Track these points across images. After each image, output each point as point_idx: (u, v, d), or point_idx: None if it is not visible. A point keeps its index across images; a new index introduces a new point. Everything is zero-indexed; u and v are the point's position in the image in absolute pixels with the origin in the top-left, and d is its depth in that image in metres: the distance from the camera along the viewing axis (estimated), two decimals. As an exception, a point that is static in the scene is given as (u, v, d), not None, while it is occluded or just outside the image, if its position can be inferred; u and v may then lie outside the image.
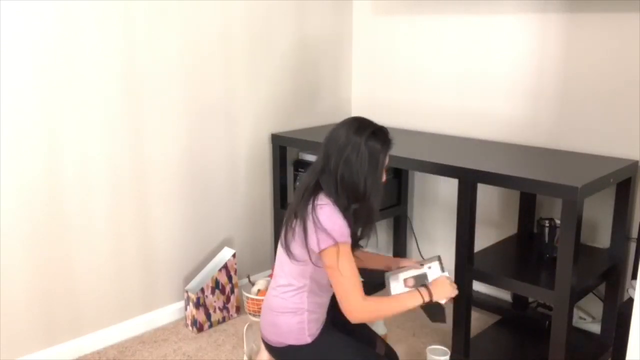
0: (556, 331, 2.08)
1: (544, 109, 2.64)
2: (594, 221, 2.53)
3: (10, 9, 2.09)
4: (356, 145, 1.80)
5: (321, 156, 1.86)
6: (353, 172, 1.79)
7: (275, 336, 1.91)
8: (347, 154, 1.79)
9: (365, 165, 1.80)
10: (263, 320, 1.97)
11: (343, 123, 1.88)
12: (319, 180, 1.84)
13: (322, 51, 3.20)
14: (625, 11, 2.35)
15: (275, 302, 1.91)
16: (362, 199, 1.82)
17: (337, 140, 1.83)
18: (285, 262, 1.90)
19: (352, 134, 1.82)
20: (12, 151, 2.17)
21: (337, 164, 1.80)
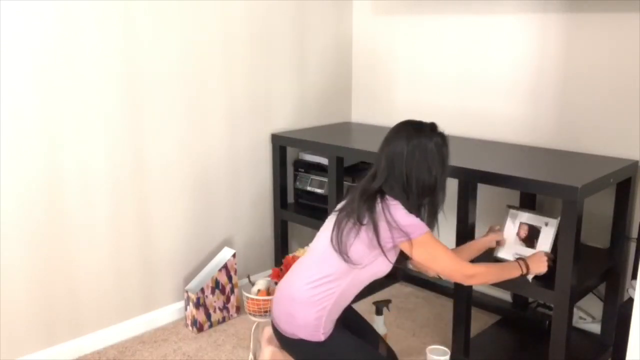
0: (556, 331, 2.08)
1: (544, 109, 2.64)
2: (594, 221, 2.53)
3: (10, 10, 2.09)
4: (422, 146, 1.88)
5: (383, 165, 1.91)
6: (424, 171, 1.88)
7: (289, 326, 1.92)
8: (416, 157, 1.87)
9: (436, 161, 1.89)
10: (278, 308, 1.96)
11: (397, 130, 1.95)
12: (381, 187, 1.89)
13: (322, 51, 3.20)
14: (625, 11, 2.35)
15: (300, 292, 1.90)
16: (432, 194, 1.93)
17: (398, 146, 1.90)
18: (329, 259, 1.90)
19: (413, 137, 1.89)
20: (12, 151, 2.17)
21: (408, 167, 1.87)
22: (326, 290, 1.89)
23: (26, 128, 2.19)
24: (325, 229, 1.99)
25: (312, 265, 1.94)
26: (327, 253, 1.91)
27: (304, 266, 1.97)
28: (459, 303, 2.33)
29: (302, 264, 1.99)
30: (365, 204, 1.87)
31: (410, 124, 1.96)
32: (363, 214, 1.86)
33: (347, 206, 1.94)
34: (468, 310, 2.34)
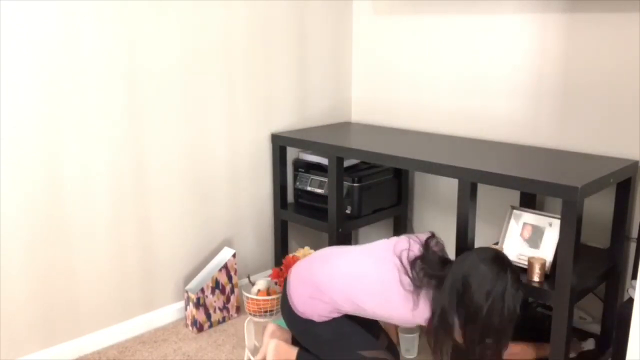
0: (556, 331, 2.08)
1: (544, 109, 2.64)
2: (594, 221, 2.53)
3: (11, 11, 2.09)
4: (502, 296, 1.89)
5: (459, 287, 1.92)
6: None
7: (303, 307, 2.09)
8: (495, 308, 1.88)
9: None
10: (299, 289, 2.10)
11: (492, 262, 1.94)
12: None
13: (322, 51, 3.20)
14: (625, 11, 2.35)
15: (327, 287, 2.05)
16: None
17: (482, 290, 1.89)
18: (386, 269, 2.02)
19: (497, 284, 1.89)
20: (13, 151, 2.17)
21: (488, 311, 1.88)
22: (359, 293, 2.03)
23: (27, 130, 2.19)
24: (379, 261, 2.06)
25: (367, 261, 2.07)
26: (386, 265, 2.02)
27: (341, 261, 2.10)
28: (459, 303, 2.33)
29: (341, 273, 2.08)
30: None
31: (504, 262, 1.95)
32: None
33: (429, 269, 1.99)
34: (468, 310, 2.34)
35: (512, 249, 2.29)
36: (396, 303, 1.99)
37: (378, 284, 2.01)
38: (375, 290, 2.01)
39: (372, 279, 2.03)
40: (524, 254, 2.25)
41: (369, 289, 2.02)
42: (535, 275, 2.13)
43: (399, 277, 1.99)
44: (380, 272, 2.03)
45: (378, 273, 2.03)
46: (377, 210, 3.01)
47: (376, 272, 2.04)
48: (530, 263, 2.15)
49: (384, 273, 2.02)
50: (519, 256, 2.26)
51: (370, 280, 2.03)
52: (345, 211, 2.87)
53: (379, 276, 2.03)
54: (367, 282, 2.03)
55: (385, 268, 2.03)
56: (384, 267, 2.04)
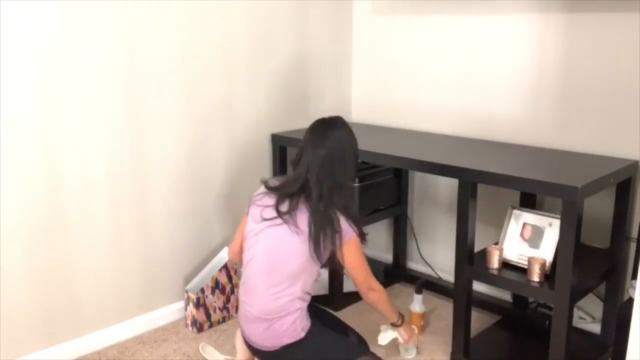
0: (556, 331, 2.08)
1: (544, 109, 2.64)
2: (594, 221, 2.53)
3: (11, 12, 2.09)
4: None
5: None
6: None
7: (270, 341, 1.99)
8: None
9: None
10: (252, 329, 2.02)
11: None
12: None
13: (322, 51, 3.20)
14: (625, 11, 2.35)
15: (270, 306, 1.97)
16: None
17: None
18: (279, 266, 1.98)
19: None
20: (13, 152, 2.17)
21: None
22: (290, 296, 1.97)
23: (26, 130, 2.19)
24: (265, 240, 2.02)
25: (267, 279, 1.99)
26: (271, 264, 1.99)
27: (260, 282, 2.01)
28: (459, 303, 2.33)
29: (256, 281, 2.02)
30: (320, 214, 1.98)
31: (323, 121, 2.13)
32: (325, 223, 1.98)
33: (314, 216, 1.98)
34: (468, 310, 2.34)
35: (512, 249, 2.29)
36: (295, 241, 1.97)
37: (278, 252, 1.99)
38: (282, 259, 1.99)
39: (272, 255, 2.00)
40: (524, 254, 2.25)
41: (280, 265, 1.99)
42: (535, 275, 2.14)
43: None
44: (267, 243, 2.01)
45: (267, 247, 2.01)
46: (377, 210, 3.01)
47: (266, 249, 2.01)
48: (530, 263, 2.15)
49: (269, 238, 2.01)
50: (519, 256, 2.27)
51: (272, 256, 2.00)
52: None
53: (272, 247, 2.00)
54: (275, 262, 1.99)
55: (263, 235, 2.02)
56: (266, 234, 2.02)
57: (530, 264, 2.15)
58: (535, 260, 2.14)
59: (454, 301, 2.35)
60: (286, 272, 1.98)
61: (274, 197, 2.04)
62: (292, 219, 1.98)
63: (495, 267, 2.26)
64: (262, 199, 2.07)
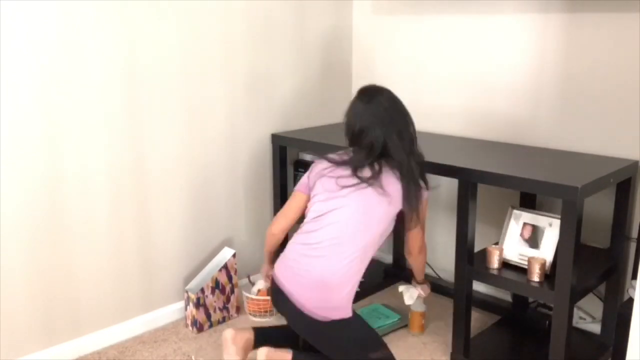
0: (556, 331, 2.08)
1: (544, 109, 2.64)
2: (594, 221, 2.53)
3: (11, 11, 2.09)
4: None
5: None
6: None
7: (324, 311, 2.02)
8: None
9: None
10: (309, 294, 2.02)
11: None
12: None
13: (322, 51, 3.20)
14: (625, 11, 2.35)
15: (336, 274, 2.01)
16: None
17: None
18: (357, 234, 2.03)
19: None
20: (13, 152, 2.17)
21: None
22: (358, 264, 2.05)
23: (26, 130, 2.19)
24: (347, 203, 2.06)
25: (343, 243, 2.03)
26: (355, 228, 2.04)
27: (334, 245, 2.03)
28: (459, 303, 2.33)
29: (327, 247, 2.04)
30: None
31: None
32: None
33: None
34: (468, 310, 2.34)
35: (512, 249, 2.29)
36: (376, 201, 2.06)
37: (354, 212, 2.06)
38: (358, 218, 2.05)
39: (348, 215, 2.05)
40: (524, 254, 2.25)
41: (355, 225, 2.05)
42: (535, 275, 2.14)
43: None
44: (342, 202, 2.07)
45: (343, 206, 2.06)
46: (377, 210, 3.01)
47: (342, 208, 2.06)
48: (530, 263, 2.15)
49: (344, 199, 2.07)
50: (519, 256, 2.27)
51: (349, 216, 2.05)
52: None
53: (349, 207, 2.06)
54: (349, 221, 2.05)
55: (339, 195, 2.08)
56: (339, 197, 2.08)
57: (530, 264, 2.15)
58: (535, 260, 2.14)
59: (454, 301, 2.35)
60: (369, 236, 2.05)
61: (348, 168, 2.09)
62: (377, 182, 2.04)
63: (495, 267, 2.26)
64: (334, 171, 2.11)
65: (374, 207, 2.05)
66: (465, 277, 2.30)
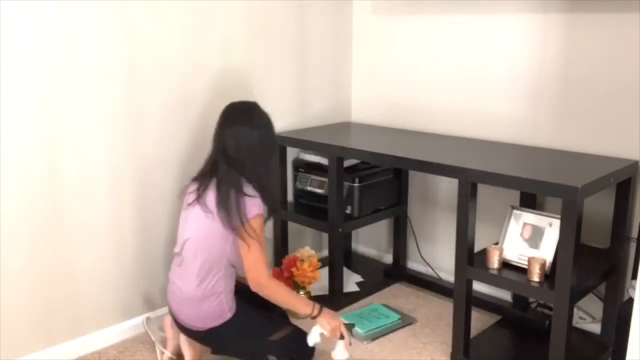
0: (556, 331, 2.08)
1: (544, 109, 2.64)
2: (594, 221, 2.53)
3: (11, 11, 2.09)
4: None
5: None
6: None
7: (199, 322, 2.16)
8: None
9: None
10: (183, 312, 2.19)
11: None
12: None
13: (322, 51, 3.20)
14: (625, 11, 2.35)
15: (193, 293, 2.14)
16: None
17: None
18: (200, 252, 2.15)
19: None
20: (13, 152, 2.17)
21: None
22: (212, 278, 2.14)
23: (26, 130, 2.19)
24: (188, 226, 2.23)
25: (189, 264, 2.17)
26: (197, 247, 2.16)
27: (183, 268, 2.19)
28: (459, 303, 2.33)
29: (181, 267, 2.21)
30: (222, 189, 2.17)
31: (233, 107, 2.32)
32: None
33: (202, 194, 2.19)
34: (468, 310, 2.34)
35: (512, 249, 2.29)
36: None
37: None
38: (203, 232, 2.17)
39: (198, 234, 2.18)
40: (524, 254, 2.25)
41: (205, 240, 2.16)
42: (535, 275, 2.14)
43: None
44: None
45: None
46: (377, 210, 3.01)
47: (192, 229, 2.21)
48: (530, 263, 2.15)
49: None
50: (519, 256, 2.27)
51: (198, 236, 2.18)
52: (345, 211, 2.88)
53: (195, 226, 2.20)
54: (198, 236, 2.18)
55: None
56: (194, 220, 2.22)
57: (530, 264, 2.15)
58: (535, 260, 2.14)
59: (454, 301, 2.35)
60: (209, 253, 2.15)
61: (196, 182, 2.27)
62: (202, 198, 2.17)
63: (495, 267, 2.26)
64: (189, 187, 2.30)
65: (202, 223, 2.20)
66: (465, 277, 2.30)
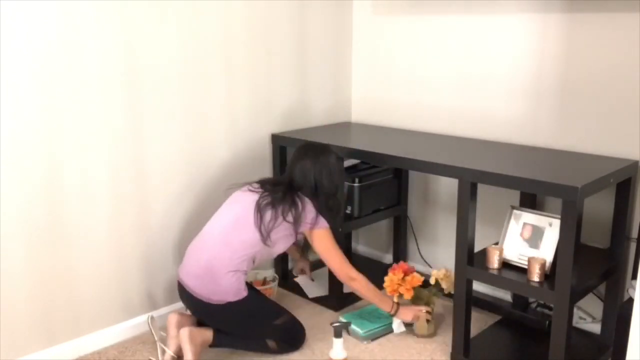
0: (556, 331, 2.08)
1: (544, 109, 2.64)
2: (594, 221, 2.53)
3: (11, 13, 2.09)
4: (326, 162, 2.50)
5: (298, 176, 2.48)
6: (328, 181, 2.49)
7: (216, 295, 2.30)
8: (323, 171, 2.48)
9: (336, 174, 2.53)
10: (199, 283, 2.33)
11: (305, 150, 2.54)
12: (298, 191, 2.45)
13: (322, 51, 3.20)
14: (625, 11, 2.35)
15: (221, 262, 2.31)
16: (334, 197, 2.55)
17: (307, 163, 2.49)
18: (243, 230, 2.35)
19: (319, 155, 2.51)
20: (12, 152, 2.17)
21: (317, 178, 2.47)
22: (243, 255, 2.33)
23: (26, 130, 2.19)
24: (233, 203, 2.47)
25: (227, 235, 2.35)
26: (241, 225, 2.35)
27: (218, 237, 2.37)
28: (459, 303, 2.33)
29: (212, 235, 2.39)
30: (287, 200, 2.37)
31: (314, 146, 2.55)
32: (286, 209, 2.36)
33: (268, 195, 2.39)
34: (468, 310, 2.34)
35: (512, 249, 2.29)
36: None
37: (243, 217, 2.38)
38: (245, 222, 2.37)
39: (240, 217, 2.39)
40: (524, 254, 2.25)
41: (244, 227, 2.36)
42: (535, 275, 2.14)
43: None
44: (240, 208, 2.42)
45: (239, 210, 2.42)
46: (377, 210, 3.01)
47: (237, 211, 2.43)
48: (530, 263, 2.15)
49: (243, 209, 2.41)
50: (519, 256, 2.27)
51: (238, 219, 2.39)
52: (345, 211, 2.88)
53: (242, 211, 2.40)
54: (240, 223, 2.38)
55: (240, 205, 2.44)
56: (240, 205, 2.44)
57: (530, 264, 2.15)
58: (535, 260, 2.14)
59: (454, 301, 2.35)
60: (251, 236, 2.40)
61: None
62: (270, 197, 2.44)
63: (495, 267, 2.26)
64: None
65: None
66: (465, 277, 2.30)
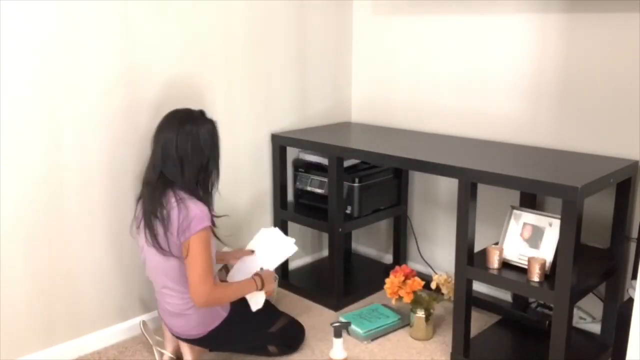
0: (556, 331, 2.08)
1: (544, 109, 2.64)
2: (594, 221, 2.53)
3: (11, 10, 2.09)
4: (194, 132, 2.13)
5: (159, 154, 2.14)
6: (198, 153, 2.13)
7: (195, 330, 2.21)
8: (188, 141, 2.11)
9: (208, 144, 2.16)
10: (174, 322, 2.23)
11: (168, 119, 2.20)
12: (162, 172, 2.14)
13: (322, 51, 3.20)
14: (625, 11, 2.35)
15: (178, 308, 2.19)
16: (205, 171, 2.18)
17: (170, 134, 2.13)
18: (169, 266, 2.16)
19: (185, 124, 2.14)
20: (12, 152, 2.17)
21: (180, 151, 2.11)
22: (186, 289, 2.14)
23: (26, 130, 2.19)
24: (144, 253, 2.25)
25: (166, 281, 2.19)
26: (163, 262, 2.15)
27: (161, 287, 2.22)
28: (459, 303, 2.33)
29: (158, 285, 2.25)
30: (158, 199, 2.10)
31: (179, 113, 2.19)
32: (161, 210, 2.09)
33: (146, 205, 2.14)
34: (468, 310, 2.34)
35: (512, 249, 2.29)
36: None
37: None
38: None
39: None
40: (524, 254, 2.25)
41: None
42: (535, 275, 2.14)
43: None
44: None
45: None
46: (377, 210, 3.01)
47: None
48: (530, 263, 2.15)
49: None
50: (519, 256, 2.27)
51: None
52: (345, 211, 2.88)
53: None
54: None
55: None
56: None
57: (530, 264, 2.15)
58: (535, 260, 2.14)
59: (454, 301, 2.35)
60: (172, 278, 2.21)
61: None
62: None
63: (495, 267, 2.26)
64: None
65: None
66: (465, 277, 2.30)
